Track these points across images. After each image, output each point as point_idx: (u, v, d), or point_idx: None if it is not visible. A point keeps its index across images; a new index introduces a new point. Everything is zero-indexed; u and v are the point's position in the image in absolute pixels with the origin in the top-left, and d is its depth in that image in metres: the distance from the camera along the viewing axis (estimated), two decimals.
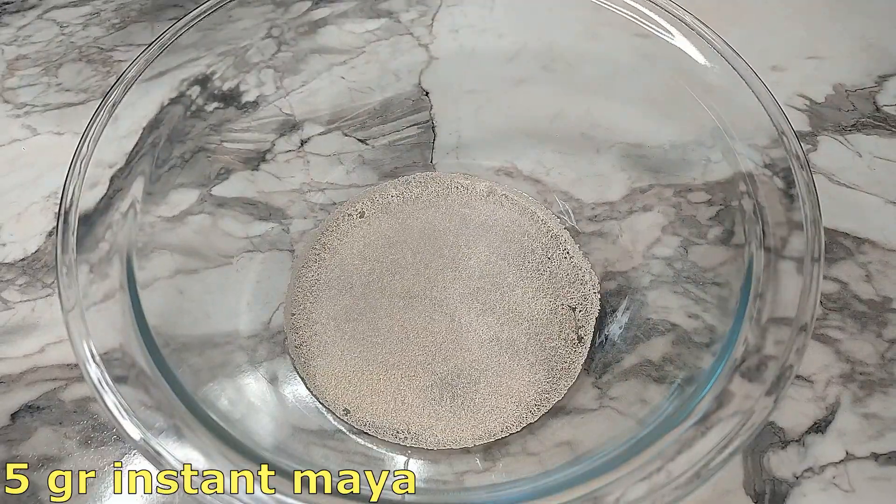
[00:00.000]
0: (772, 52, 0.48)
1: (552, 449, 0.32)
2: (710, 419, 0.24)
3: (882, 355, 0.36)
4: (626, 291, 0.36)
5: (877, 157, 0.43)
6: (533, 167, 0.41)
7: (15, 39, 0.48)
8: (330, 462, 0.31)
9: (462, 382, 0.34)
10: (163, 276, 0.30)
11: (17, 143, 0.43)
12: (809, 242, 0.28)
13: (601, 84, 0.37)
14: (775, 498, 0.32)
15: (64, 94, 0.45)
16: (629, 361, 0.34)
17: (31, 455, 0.33)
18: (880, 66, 0.48)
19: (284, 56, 0.36)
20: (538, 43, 0.38)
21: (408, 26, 0.40)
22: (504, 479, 0.32)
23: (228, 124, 0.35)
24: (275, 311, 0.36)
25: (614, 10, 0.34)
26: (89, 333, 0.25)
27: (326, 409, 0.34)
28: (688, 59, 0.33)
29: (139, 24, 0.49)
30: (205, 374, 0.30)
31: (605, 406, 0.33)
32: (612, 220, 0.38)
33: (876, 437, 0.34)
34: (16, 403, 0.34)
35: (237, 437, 0.25)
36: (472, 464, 0.32)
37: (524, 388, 0.34)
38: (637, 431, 0.27)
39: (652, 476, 0.23)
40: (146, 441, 0.23)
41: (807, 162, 0.29)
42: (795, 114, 0.45)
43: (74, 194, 0.28)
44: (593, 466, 0.24)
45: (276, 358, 0.35)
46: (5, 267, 0.38)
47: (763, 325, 0.26)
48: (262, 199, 0.38)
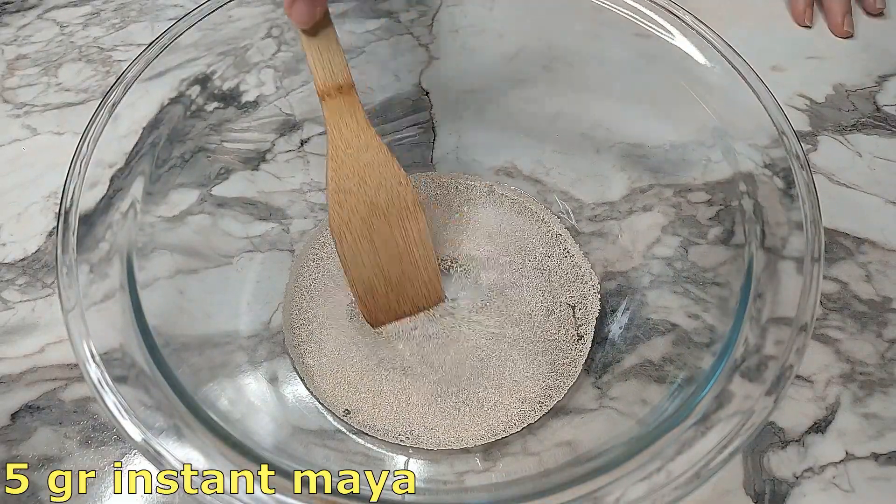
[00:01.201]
0: (772, 52, 0.48)
1: (552, 449, 0.32)
2: (710, 419, 0.24)
3: (882, 355, 0.36)
4: (626, 291, 0.36)
5: (877, 157, 0.43)
6: (533, 167, 0.41)
7: (15, 39, 0.48)
8: (330, 462, 0.31)
9: (463, 380, 0.34)
10: (163, 276, 0.30)
11: (17, 143, 0.43)
12: (809, 242, 0.28)
13: (601, 84, 0.37)
14: (775, 498, 0.32)
15: (64, 94, 0.45)
16: (629, 361, 0.34)
17: (31, 455, 0.33)
18: (880, 66, 0.48)
19: (284, 56, 0.36)
20: (538, 43, 0.38)
21: (408, 26, 0.40)
22: (504, 479, 0.32)
23: (228, 124, 0.35)
24: (275, 311, 0.36)
25: (614, 10, 0.34)
26: (89, 333, 0.25)
27: (326, 409, 0.34)
28: (688, 59, 0.33)
29: (139, 24, 0.49)
30: (205, 374, 0.30)
31: (605, 406, 0.33)
32: (612, 220, 0.38)
33: (876, 437, 0.34)
34: (16, 403, 0.34)
35: (237, 437, 0.25)
36: (472, 464, 0.32)
37: (526, 384, 0.34)
38: (637, 431, 0.27)
39: (652, 476, 0.23)
40: (146, 441, 0.23)
41: (807, 162, 0.29)
42: (795, 114, 0.45)
43: (74, 194, 0.28)
44: (593, 466, 0.24)
45: (276, 358, 0.35)
46: (5, 267, 0.38)
47: (763, 325, 0.26)
48: (262, 199, 0.38)
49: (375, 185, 0.33)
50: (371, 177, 0.33)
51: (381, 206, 0.33)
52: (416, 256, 0.35)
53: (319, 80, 0.31)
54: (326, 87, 0.31)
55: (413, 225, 0.34)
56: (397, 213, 0.34)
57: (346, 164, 0.32)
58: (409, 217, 0.34)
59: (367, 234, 0.33)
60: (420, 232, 0.34)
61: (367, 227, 0.33)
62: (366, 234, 0.33)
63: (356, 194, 0.33)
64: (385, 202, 0.33)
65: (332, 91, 0.31)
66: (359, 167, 0.32)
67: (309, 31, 0.30)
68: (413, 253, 0.35)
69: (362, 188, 0.33)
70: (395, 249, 0.34)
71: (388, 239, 0.34)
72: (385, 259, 0.34)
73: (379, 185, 0.33)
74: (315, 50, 0.31)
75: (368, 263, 0.34)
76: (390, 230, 0.34)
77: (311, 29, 0.30)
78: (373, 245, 0.34)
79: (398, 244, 0.34)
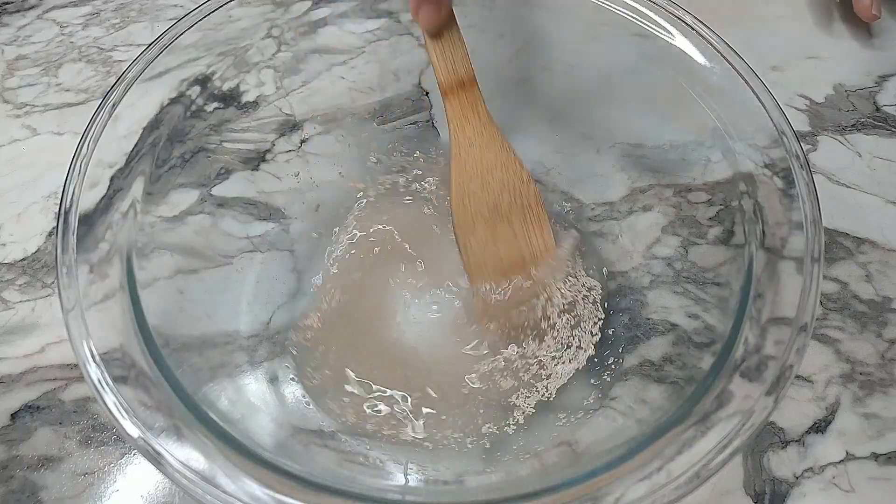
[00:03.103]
0: (772, 52, 0.48)
1: (552, 449, 0.32)
2: (710, 419, 0.24)
3: (882, 355, 0.36)
4: (626, 291, 0.36)
5: (877, 157, 0.43)
6: (533, 167, 0.41)
7: (15, 39, 0.48)
8: (330, 462, 0.31)
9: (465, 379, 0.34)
10: (163, 276, 0.30)
11: (17, 143, 0.43)
12: (809, 242, 0.28)
13: (601, 84, 0.37)
14: (775, 498, 0.32)
15: (64, 94, 0.45)
16: (629, 361, 0.34)
17: (31, 455, 0.33)
18: (880, 66, 0.48)
19: (284, 56, 0.36)
20: (538, 43, 0.38)
21: (408, 26, 0.40)
22: (504, 478, 0.32)
23: (228, 124, 0.35)
24: (275, 311, 0.36)
25: (614, 10, 0.34)
26: (89, 333, 0.25)
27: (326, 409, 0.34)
28: (688, 59, 0.33)
29: (139, 25, 0.49)
30: (205, 374, 0.30)
31: (605, 406, 0.33)
32: (612, 220, 0.38)
33: (876, 437, 0.34)
34: (16, 403, 0.34)
35: (237, 437, 0.25)
36: (472, 463, 0.32)
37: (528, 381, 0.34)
38: (637, 431, 0.27)
39: (652, 476, 0.23)
40: (146, 441, 0.23)
41: (807, 162, 0.29)
42: (795, 114, 0.45)
43: (74, 194, 0.28)
44: (593, 466, 0.24)
45: (276, 358, 0.35)
46: (5, 267, 0.38)
47: (763, 325, 0.26)
48: (262, 199, 0.38)
49: (499, 186, 0.32)
50: (494, 177, 0.32)
51: (503, 210, 0.32)
52: (539, 260, 0.34)
53: (442, 75, 0.30)
54: (449, 83, 0.30)
55: (536, 224, 0.33)
56: (521, 214, 0.33)
57: (469, 165, 0.31)
58: (533, 216, 0.33)
59: (492, 239, 0.33)
60: (543, 231, 0.33)
61: (491, 233, 0.32)
62: (491, 239, 0.32)
63: (479, 197, 0.32)
64: (507, 204, 0.32)
65: (454, 87, 0.30)
66: (482, 168, 0.31)
67: (434, 34, 0.30)
68: (537, 257, 0.34)
69: (485, 190, 0.32)
70: (520, 255, 0.33)
71: (512, 243, 0.33)
72: (511, 267, 0.33)
73: (502, 186, 0.32)
74: (438, 45, 0.30)
75: (495, 272, 0.33)
76: (514, 235, 0.33)
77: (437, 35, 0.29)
78: (498, 252, 0.33)
79: (522, 248, 0.33)
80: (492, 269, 0.33)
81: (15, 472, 0.32)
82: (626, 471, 0.24)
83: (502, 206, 0.32)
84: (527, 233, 0.33)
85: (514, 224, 0.33)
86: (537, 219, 0.33)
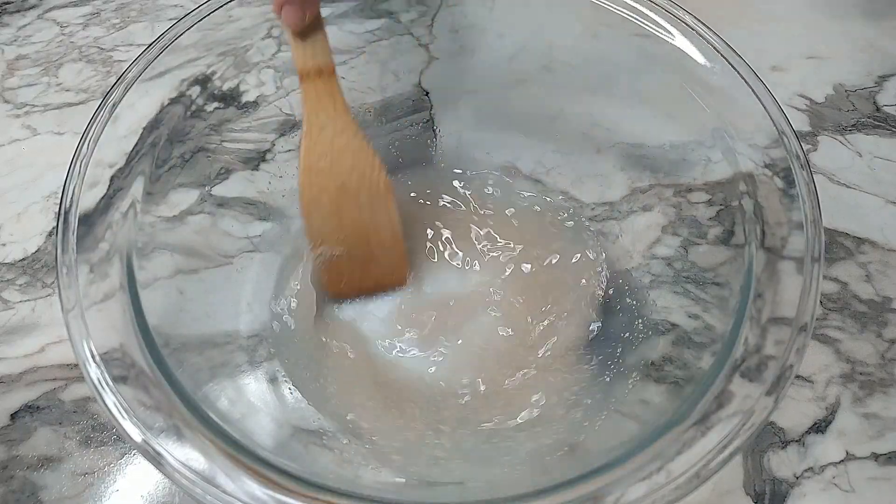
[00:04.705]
0: (772, 52, 0.48)
1: (552, 449, 0.32)
2: (710, 419, 0.24)
3: (882, 355, 0.36)
4: (626, 291, 0.36)
5: (877, 157, 0.43)
6: (533, 167, 0.41)
7: (15, 39, 0.48)
8: (330, 462, 0.31)
9: (465, 379, 0.34)
10: (163, 276, 0.30)
11: (17, 143, 0.43)
12: (809, 242, 0.28)
13: (601, 84, 0.37)
14: (775, 498, 0.32)
15: (64, 94, 0.45)
16: (629, 361, 0.34)
17: (31, 455, 0.33)
18: (880, 66, 0.48)
19: (284, 56, 0.36)
20: (538, 43, 0.38)
21: (408, 26, 0.40)
22: (504, 478, 0.32)
23: (228, 124, 0.35)
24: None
25: (614, 10, 0.34)
26: (89, 333, 0.25)
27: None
28: (688, 59, 0.33)
29: (139, 24, 0.49)
30: (205, 374, 0.30)
31: (605, 406, 0.33)
32: (612, 220, 0.38)
33: (876, 437, 0.34)
34: (16, 403, 0.34)
35: (237, 437, 0.25)
36: (472, 463, 0.32)
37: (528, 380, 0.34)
38: (637, 431, 0.27)
39: (652, 476, 0.23)
40: (146, 441, 0.23)
41: (807, 162, 0.29)
42: (795, 114, 0.45)
43: (74, 194, 0.28)
44: (593, 466, 0.24)
45: (275, 358, 0.35)
46: (5, 267, 0.38)
47: (763, 325, 0.26)
48: (262, 199, 0.38)
49: (348, 167, 0.33)
50: (344, 160, 0.33)
51: (351, 188, 0.33)
52: (383, 238, 0.35)
53: (299, 59, 0.31)
54: (306, 68, 0.31)
55: (382, 207, 0.34)
56: (367, 196, 0.34)
57: (320, 145, 0.32)
58: (379, 200, 0.34)
59: (335, 212, 0.34)
60: (389, 214, 0.34)
61: (335, 207, 0.33)
62: (334, 212, 0.34)
63: (327, 174, 0.33)
64: (356, 184, 0.33)
65: (311, 73, 0.31)
66: (332, 150, 0.32)
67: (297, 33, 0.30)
68: (380, 234, 0.35)
69: (334, 169, 0.33)
70: (364, 230, 0.35)
71: (357, 219, 0.34)
72: (352, 238, 0.35)
73: (352, 168, 0.33)
74: (299, 35, 0.30)
75: (335, 241, 0.34)
76: (359, 212, 0.34)
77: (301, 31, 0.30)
78: (341, 223, 0.34)
79: (366, 225, 0.34)
80: (333, 237, 0.34)
81: (15, 472, 0.32)
82: (626, 471, 0.24)
83: (350, 184, 0.33)
84: (372, 211, 0.34)
85: (361, 200, 0.34)
86: (383, 199, 0.34)
